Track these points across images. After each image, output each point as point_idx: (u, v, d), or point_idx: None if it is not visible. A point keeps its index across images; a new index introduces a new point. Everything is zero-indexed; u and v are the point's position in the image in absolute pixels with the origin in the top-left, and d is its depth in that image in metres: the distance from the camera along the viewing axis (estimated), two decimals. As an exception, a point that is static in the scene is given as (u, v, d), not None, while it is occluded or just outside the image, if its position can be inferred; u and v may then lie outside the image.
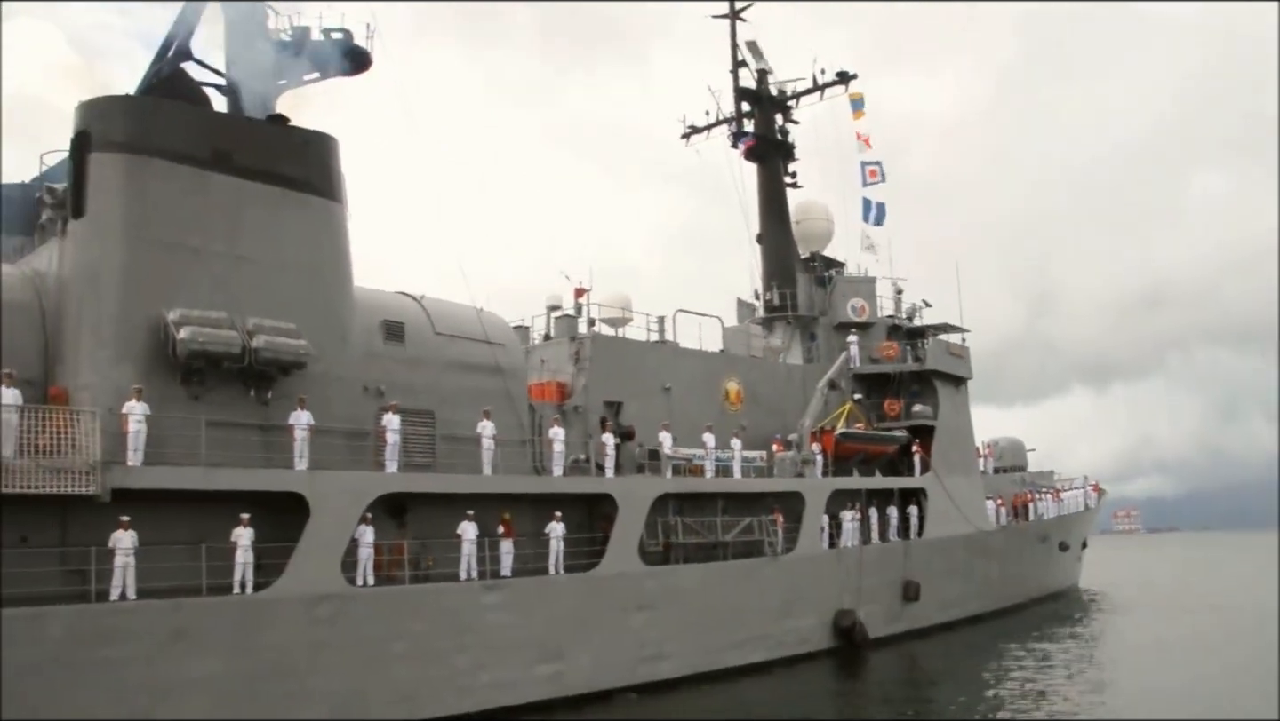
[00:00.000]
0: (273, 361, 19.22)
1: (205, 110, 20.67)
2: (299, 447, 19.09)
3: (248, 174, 20.10)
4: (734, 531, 26.94)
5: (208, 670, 16.97)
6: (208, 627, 17.15)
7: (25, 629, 15.44)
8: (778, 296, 37.19)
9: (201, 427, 18.01)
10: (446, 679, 19.95)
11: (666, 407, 28.51)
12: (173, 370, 18.59)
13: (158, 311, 18.53)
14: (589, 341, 27.51)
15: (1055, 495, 44.38)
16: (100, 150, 18.80)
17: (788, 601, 27.92)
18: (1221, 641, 30.86)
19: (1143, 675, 26.14)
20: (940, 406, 36.69)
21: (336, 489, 19.18)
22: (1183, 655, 29.10)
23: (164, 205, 18.99)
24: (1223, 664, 26.74)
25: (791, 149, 39.40)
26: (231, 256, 19.66)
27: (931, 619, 33.25)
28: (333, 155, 21.70)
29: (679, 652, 24.50)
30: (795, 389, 33.72)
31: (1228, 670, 25.59)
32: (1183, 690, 23.24)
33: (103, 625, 16.19)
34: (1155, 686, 23.98)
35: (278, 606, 17.95)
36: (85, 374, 18.11)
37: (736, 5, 39.43)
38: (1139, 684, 24.59)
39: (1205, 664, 27.15)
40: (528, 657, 21.38)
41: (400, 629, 19.43)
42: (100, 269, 18.44)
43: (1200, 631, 33.77)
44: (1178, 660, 28.23)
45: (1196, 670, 26.15)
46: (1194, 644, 31.10)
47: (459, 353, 23.19)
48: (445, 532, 21.21)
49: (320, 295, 20.73)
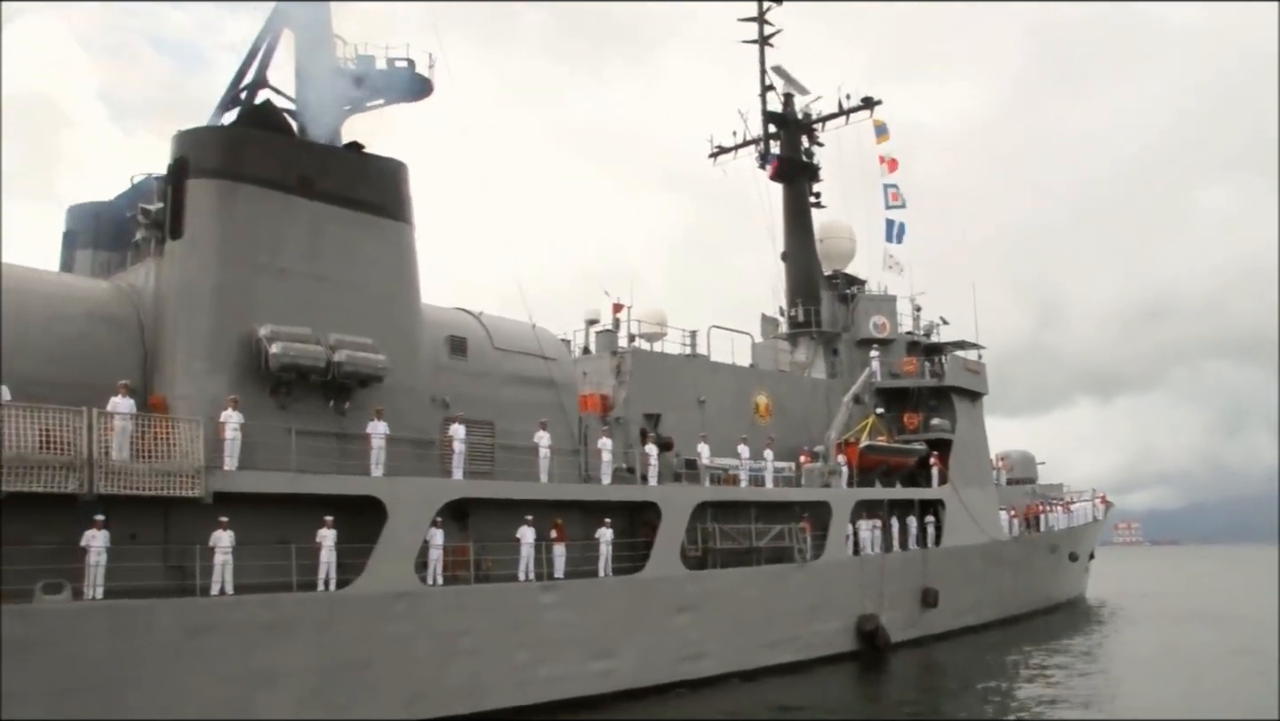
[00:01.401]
0: (353, 375, 20.64)
1: (290, 139, 22.05)
2: (376, 455, 20.47)
3: (328, 198, 21.55)
4: (766, 538, 28.33)
5: (297, 660, 18.35)
6: (298, 621, 18.54)
7: (138, 620, 16.85)
8: (802, 313, 38.58)
9: (291, 436, 19.43)
10: (508, 673, 21.32)
11: (701, 419, 29.94)
12: (262, 381, 20.00)
13: (249, 327, 19.95)
14: (629, 356, 28.95)
15: (1065, 507, 45.75)
16: (196, 176, 20.24)
17: (815, 605, 29.29)
18: (1226, 651, 32.08)
19: (1151, 681, 27.39)
20: (957, 420, 38.11)
21: (410, 494, 20.59)
22: (1189, 664, 30.27)
23: (254, 228, 20.44)
24: (1230, 671, 28.02)
25: (816, 170, 40.84)
26: (313, 276, 21.09)
27: (948, 624, 34.58)
28: (403, 179, 23.14)
29: (717, 652, 25.86)
30: (820, 402, 35.20)
31: (1238, 676, 26.85)
32: (1190, 696, 24.53)
33: (206, 618, 17.57)
34: (1164, 691, 25.29)
35: (359, 602, 19.34)
36: (182, 384, 19.51)
37: (765, 30, 40.91)
38: (1148, 688, 25.92)
39: (1212, 671, 28.38)
40: (581, 654, 22.75)
41: (467, 625, 20.82)
42: (196, 287, 19.86)
43: (1207, 641, 35.04)
44: (1185, 668, 29.40)
45: (1204, 677, 27.34)
46: (1202, 653, 32.30)
47: (516, 366, 24.65)
48: (503, 536, 22.58)
49: (393, 312, 22.15)
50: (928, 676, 29.45)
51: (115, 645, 16.49)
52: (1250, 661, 28.82)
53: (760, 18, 41.26)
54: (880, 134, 39.88)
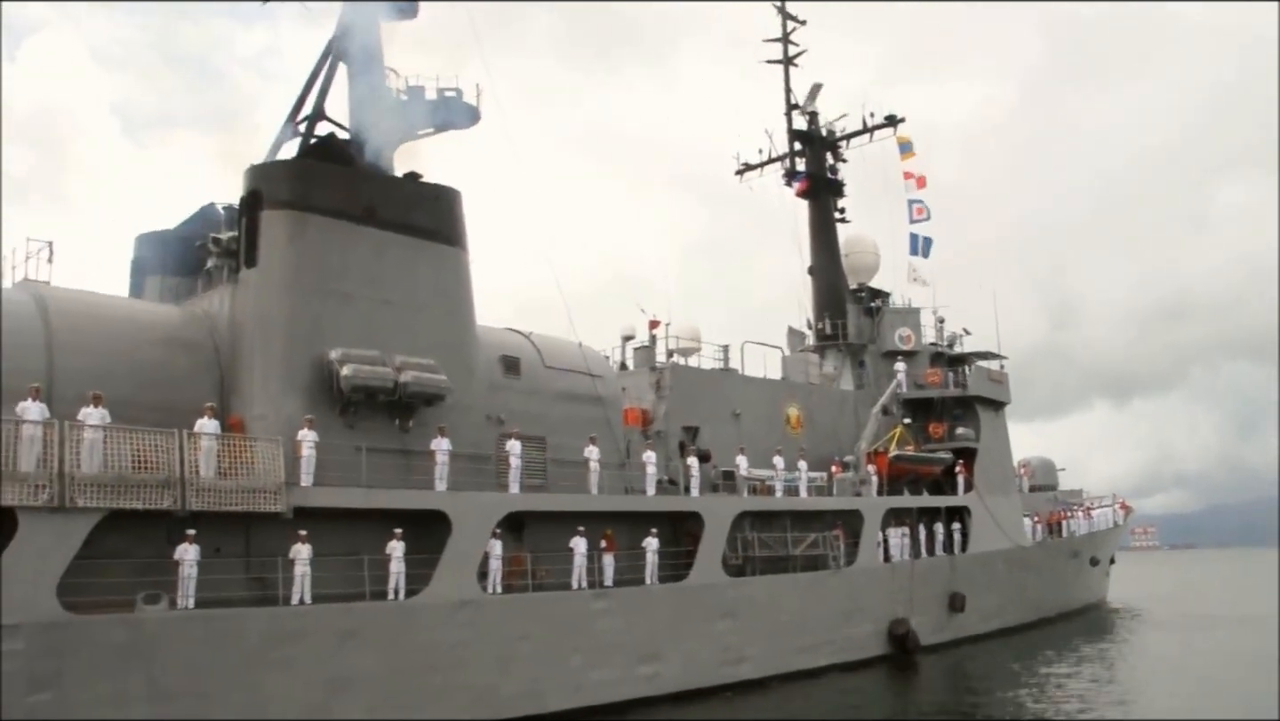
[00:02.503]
0: (418, 394, 21.80)
1: (354, 170, 23.21)
2: (440, 471, 21.59)
3: (390, 226, 22.74)
4: (802, 546, 29.37)
5: (371, 666, 19.47)
6: (371, 629, 19.66)
7: (228, 628, 18.00)
8: (829, 326, 39.65)
9: (362, 454, 20.58)
10: (564, 676, 22.41)
11: (737, 432, 31.02)
12: (332, 402, 21.16)
13: (320, 350, 21.13)
14: (669, 371, 30.06)
15: (1086, 513, 46.67)
16: (269, 208, 21.43)
17: (848, 611, 30.32)
18: (1250, 652, 32.87)
19: (1172, 683, 28.20)
20: (981, 429, 39.11)
21: (472, 507, 21.72)
22: (1209, 667, 31.05)
23: (323, 256, 21.64)
24: (1246, 673, 28.81)
25: (841, 186, 41.92)
26: (378, 300, 22.26)
27: (975, 629, 35.55)
28: (458, 206, 24.32)
29: (756, 656, 26.90)
30: (848, 413, 36.26)
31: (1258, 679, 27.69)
32: (1204, 696, 25.40)
33: (289, 626, 18.72)
34: (1184, 693, 26.15)
35: (427, 611, 20.46)
36: (258, 405, 20.68)
37: (789, 50, 42.04)
38: (1171, 689, 26.80)
39: (1228, 673, 29.16)
40: (630, 658, 23.83)
41: (526, 631, 21.92)
42: (271, 313, 21.06)
43: (1223, 644, 35.83)
44: (1206, 671, 30.21)
45: (1221, 680, 28.15)
46: (1227, 656, 33.08)
47: (566, 384, 25.81)
48: (555, 546, 23.67)
49: (451, 333, 23.32)
50: (958, 679, 30.36)
51: (207, 652, 17.63)
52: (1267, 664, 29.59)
53: (785, 38, 42.40)
54: (905, 151, 40.96)
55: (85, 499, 16.84)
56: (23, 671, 15.75)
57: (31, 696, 15.80)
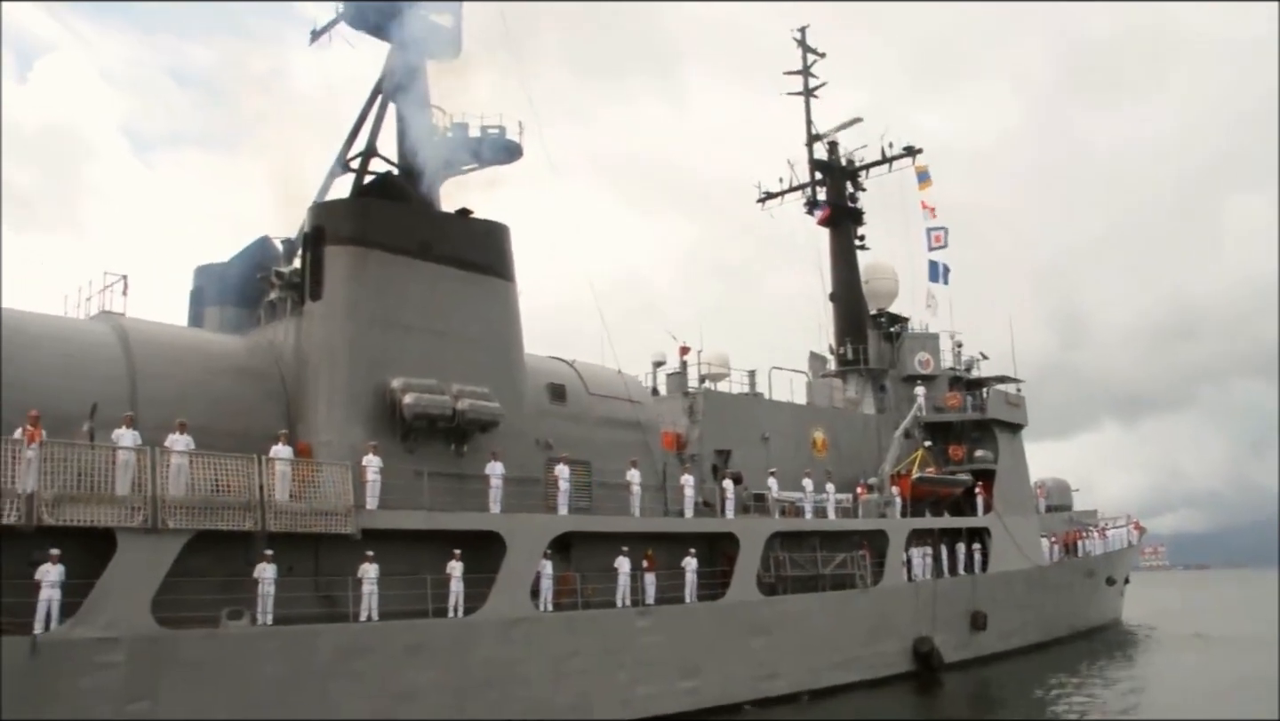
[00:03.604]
0: (474, 421, 22.94)
1: (411, 208, 24.43)
2: (494, 494, 22.69)
3: (444, 260, 23.96)
4: (831, 566, 30.39)
5: (434, 679, 20.52)
6: (434, 644, 20.72)
7: (302, 643, 19.07)
8: (850, 351, 40.79)
9: (424, 478, 21.69)
10: (611, 691, 23.42)
11: (766, 455, 32.10)
12: (393, 428, 22.30)
13: (382, 379, 22.30)
14: (701, 396, 31.18)
15: (1101, 533, 47.61)
16: (332, 244, 22.64)
17: (875, 628, 31.29)
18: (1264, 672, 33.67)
19: (1187, 698, 29.06)
20: (1000, 451, 40.19)
21: (526, 529, 22.80)
22: (1222, 683, 31.82)
23: (383, 289, 22.84)
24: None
25: (861, 214, 43.15)
26: (434, 331, 23.44)
27: (995, 647, 36.43)
28: (506, 240, 25.53)
29: (789, 672, 27.86)
30: (871, 436, 37.38)
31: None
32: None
33: (359, 641, 19.77)
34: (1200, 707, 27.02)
35: (485, 627, 21.52)
36: (324, 432, 21.82)
37: (810, 83, 43.36)
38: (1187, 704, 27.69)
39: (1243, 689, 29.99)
40: (672, 674, 24.82)
41: (575, 647, 22.95)
42: (336, 344, 22.25)
43: (1244, 663, 36.58)
44: (1220, 687, 31.00)
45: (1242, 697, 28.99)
46: (1240, 676, 33.84)
47: (608, 410, 26.96)
48: (599, 565, 24.72)
49: (502, 363, 24.49)
50: (983, 695, 31.28)
51: (284, 665, 18.71)
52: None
53: (805, 70, 43.72)
54: (923, 180, 42.18)
55: (176, 520, 17.98)
56: (122, 682, 16.84)
57: (130, 705, 16.88)
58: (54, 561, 16.76)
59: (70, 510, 17.06)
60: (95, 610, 16.85)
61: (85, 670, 16.55)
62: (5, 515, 16.46)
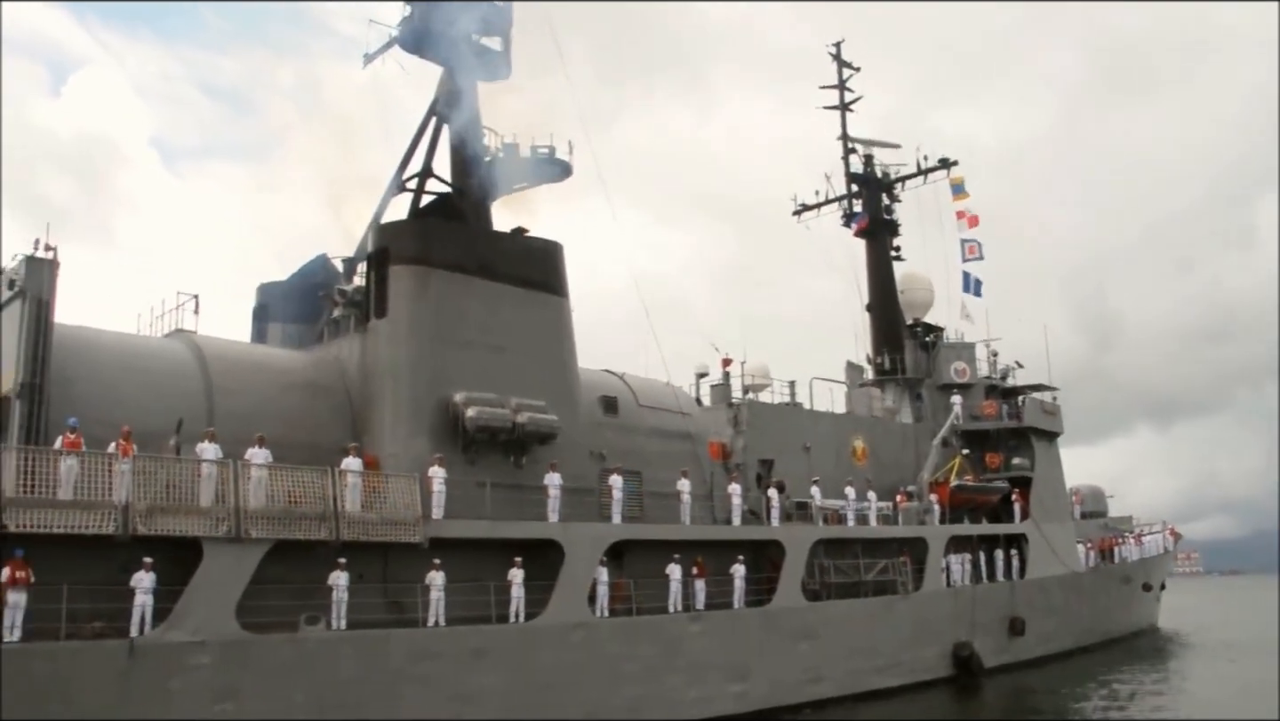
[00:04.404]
0: (533, 434, 23.82)
1: (469, 227, 25.40)
2: (553, 504, 23.52)
3: (501, 278, 24.89)
4: (873, 572, 31.06)
5: (498, 682, 21.35)
6: (498, 648, 21.56)
7: (375, 647, 19.95)
8: (887, 361, 41.44)
9: (486, 489, 22.57)
10: (664, 694, 24.18)
11: (808, 463, 32.82)
12: (455, 440, 23.20)
13: (445, 393, 23.22)
14: (745, 407, 31.96)
15: (1137, 539, 47.99)
16: (396, 263, 23.60)
17: (916, 634, 31.89)
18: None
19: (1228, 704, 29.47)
20: (1036, 459, 40.71)
21: (583, 537, 23.63)
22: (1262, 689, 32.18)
23: (444, 307, 23.79)
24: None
25: (896, 226, 43.82)
26: (492, 347, 24.35)
27: (1033, 651, 36.95)
28: (560, 258, 26.42)
29: (834, 675, 28.53)
30: (909, 445, 38.04)
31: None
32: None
33: (427, 646, 20.64)
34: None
35: (545, 632, 22.34)
36: (389, 444, 22.75)
37: (845, 97, 44.11)
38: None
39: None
40: (721, 677, 25.56)
41: (630, 652, 23.75)
42: (400, 360, 23.22)
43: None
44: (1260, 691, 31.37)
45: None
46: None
47: (658, 421, 27.81)
48: (650, 572, 25.48)
49: (557, 376, 25.37)
50: (1022, 700, 31.78)
51: (357, 668, 19.60)
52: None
53: (840, 84, 44.46)
54: (958, 192, 42.78)
55: (258, 530, 18.92)
56: (209, 683, 17.77)
57: (217, 705, 17.81)
58: (147, 569, 17.72)
59: (162, 520, 18.04)
60: (185, 615, 17.80)
61: (176, 672, 17.50)
62: (103, 525, 17.44)
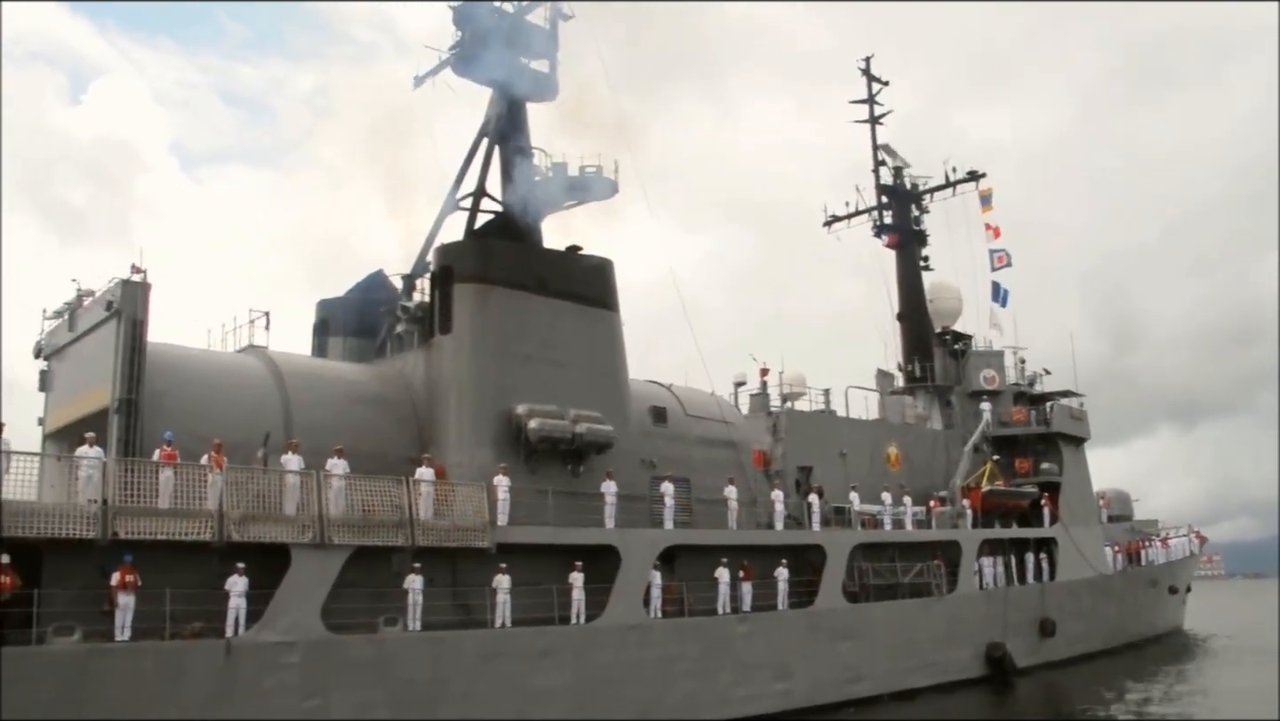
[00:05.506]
0: (591, 443, 24.96)
1: (527, 246, 26.56)
2: (609, 511, 24.63)
3: (558, 294, 26.04)
4: (909, 575, 32.09)
5: (561, 680, 22.47)
6: (561, 649, 22.68)
7: (448, 647, 21.09)
8: (918, 369, 42.45)
9: (548, 497, 23.70)
10: (715, 691, 25.27)
11: (844, 470, 33.87)
12: (517, 450, 24.36)
13: (507, 406, 24.37)
14: (784, 415, 33.04)
15: (1163, 542, 48.83)
16: (460, 281, 24.77)
17: (951, 635, 32.90)
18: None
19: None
20: (1064, 464, 41.65)
21: (638, 542, 24.75)
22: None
23: (505, 323, 24.97)
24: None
25: (925, 236, 44.83)
26: (550, 361, 25.49)
27: (1063, 653, 37.89)
28: (611, 274, 27.57)
29: (873, 675, 29.57)
30: (940, 451, 39.05)
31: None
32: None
33: (497, 646, 21.77)
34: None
35: (604, 633, 23.46)
36: (454, 454, 23.91)
37: (875, 110, 45.17)
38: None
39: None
40: (767, 676, 26.64)
41: (682, 651, 24.84)
42: (465, 373, 24.40)
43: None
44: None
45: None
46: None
47: (704, 431, 28.91)
48: (699, 576, 26.56)
49: (611, 388, 26.53)
50: (1056, 698, 32.73)
51: (433, 667, 20.75)
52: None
53: (870, 99, 45.49)
54: (985, 204, 43.77)
55: (340, 537, 20.10)
56: (299, 681, 18.93)
57: (305, 702, 18.97)
58: (240, 573, 18.90)
59: (253, 528, 19.23)
60: (276, 616, 18.97)
61: (269, 670, 18.67)
62: (201, 532, 18.63)
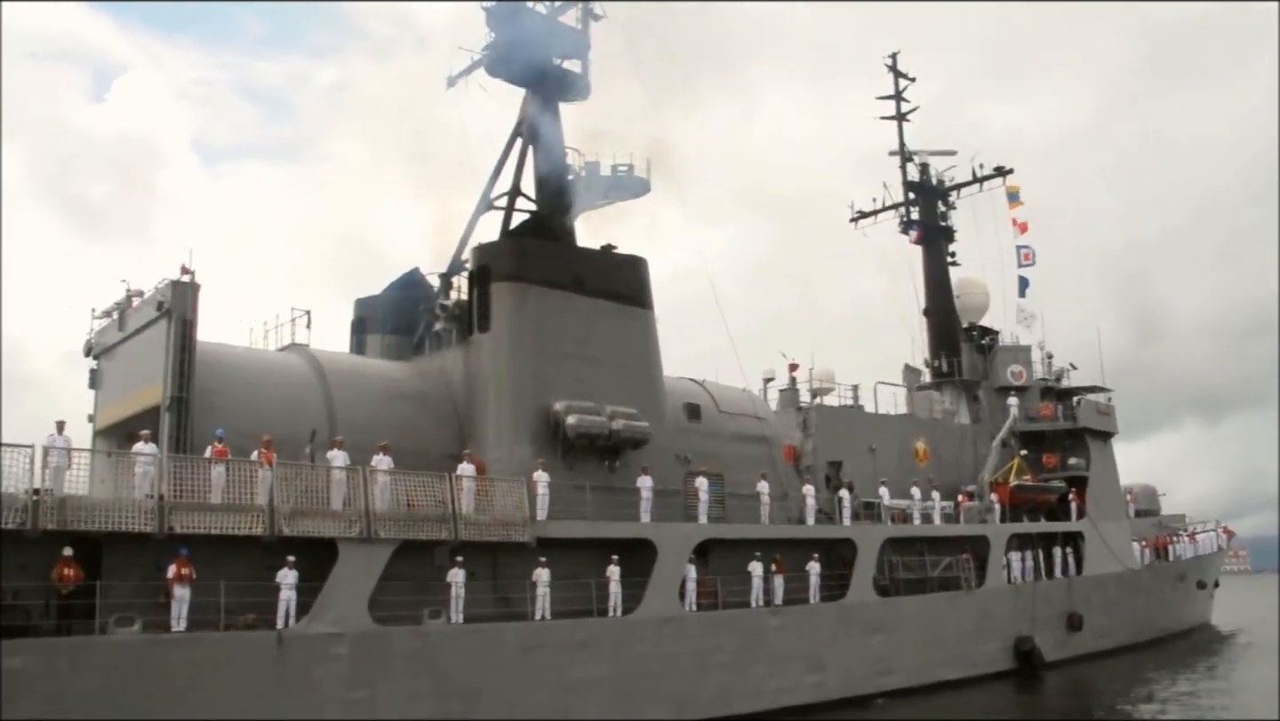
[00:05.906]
0: (627, 440, 25.40)
1: (563, 245, 27.01)
2: (645, 505, 25.05)
3: (593, 293, 26.49)
4: (938, 569, 32.39)
5: (600, 672, 22.92)
6: (599, 641, 23.13)
7: (490, 639, 21.56)
8: (945, 364, 42.67)
9: (587, 492, 24.15)
10: (748, 683, 25.68)
11: (873, 465, 34.18)
12: (555, 446, 24.81)
13: (546, 402, 24.83)
14: (814, 411, 33.38)
15: (1191, 537, 48.91)
16: (498, 280, 25.23)
17: (979, 628, 33.19)
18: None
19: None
20: (1092, 459, 41.81)
21: (674, 536, 25.16)
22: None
23: (543, 321, 25.44)
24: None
25: (952, 232, 45.01)
26: (587, 358, 25.95)
27: (1090, 647, 38.06)
28: (645, 272, 27.97)
29: (903, 667, 29.91)
30: (968, 446, 39.30)
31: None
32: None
33: (536, 638, 22.23)
34: None
35: (641, 626, 23.90)
36: (494, 450, 24.38)
37: (902, 107, 45.39)
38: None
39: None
40: (799, 668, 27.03)
41: (717, 644, 25.26)
42: (504, 371, 24.89)
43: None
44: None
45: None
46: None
47: (737, 427, 29.32)
48: (732, 569, 26.96)
49: (646, 385, 26.96)
50: (1084, 691, 32.94)
51: (476, 658, 21.23)
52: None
53: (897, 95, 45.67)
54: (1013, 200, 43.91)
55: (386, 531, 20.59)
56: (346, 672, 19.44)
57: (353, 693, 19.48)
58: (290, 567, 19.41)
59: (302, 522, 19.75)
60: (325, 609, 19.49)
61: (319, 661, 19.19)
62: (253, 526, 19.16)
